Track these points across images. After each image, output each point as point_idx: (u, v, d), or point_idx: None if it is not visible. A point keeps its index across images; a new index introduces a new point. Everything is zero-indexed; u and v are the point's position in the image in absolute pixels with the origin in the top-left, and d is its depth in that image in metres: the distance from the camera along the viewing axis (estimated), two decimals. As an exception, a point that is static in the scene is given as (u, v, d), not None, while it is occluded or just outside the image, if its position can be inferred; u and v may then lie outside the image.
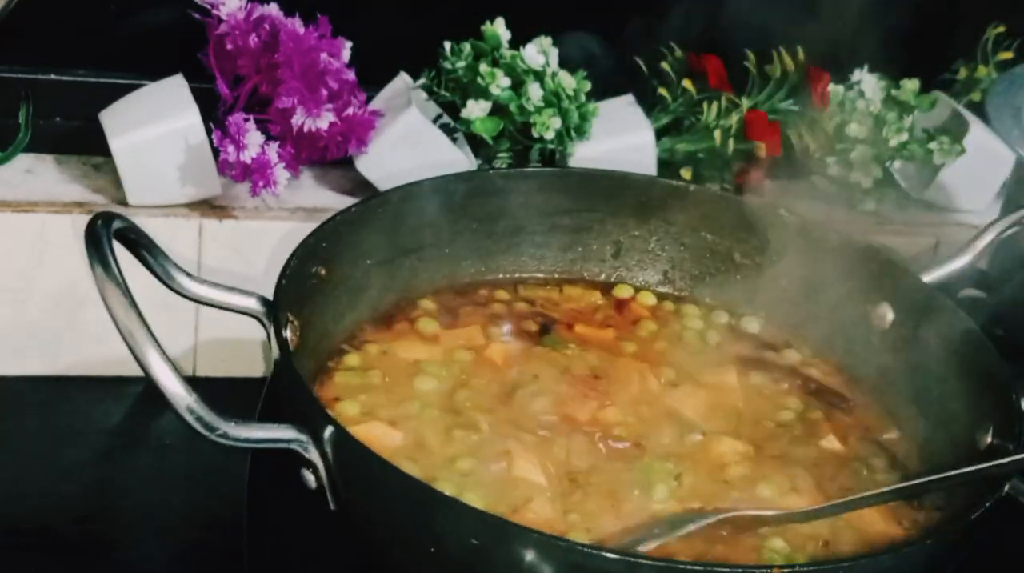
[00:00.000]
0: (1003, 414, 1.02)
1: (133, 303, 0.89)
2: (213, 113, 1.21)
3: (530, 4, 1.31)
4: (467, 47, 1.27)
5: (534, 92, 1.25)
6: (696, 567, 0.90)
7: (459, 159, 1.25)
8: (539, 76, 1.26)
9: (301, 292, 1.04)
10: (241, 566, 1.05)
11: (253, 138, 1.17)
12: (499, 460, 1.00)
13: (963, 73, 1.44)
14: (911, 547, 0.93)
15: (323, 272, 1.07)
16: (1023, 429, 0.99)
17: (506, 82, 1.25)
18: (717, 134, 1.31)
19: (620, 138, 1.30)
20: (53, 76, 1.28)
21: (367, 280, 1.12)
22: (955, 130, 1.38)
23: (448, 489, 0.94)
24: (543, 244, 1.21)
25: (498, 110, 1.26)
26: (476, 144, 1.27)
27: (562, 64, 1.28)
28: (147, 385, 0.89)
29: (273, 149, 1.18)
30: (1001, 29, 1.44)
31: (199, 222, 1.20)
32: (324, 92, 1.20)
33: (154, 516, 1.10)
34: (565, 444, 1.03)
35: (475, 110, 1.25)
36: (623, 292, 1.21)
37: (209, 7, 1.20)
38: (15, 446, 1.14)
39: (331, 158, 1.24)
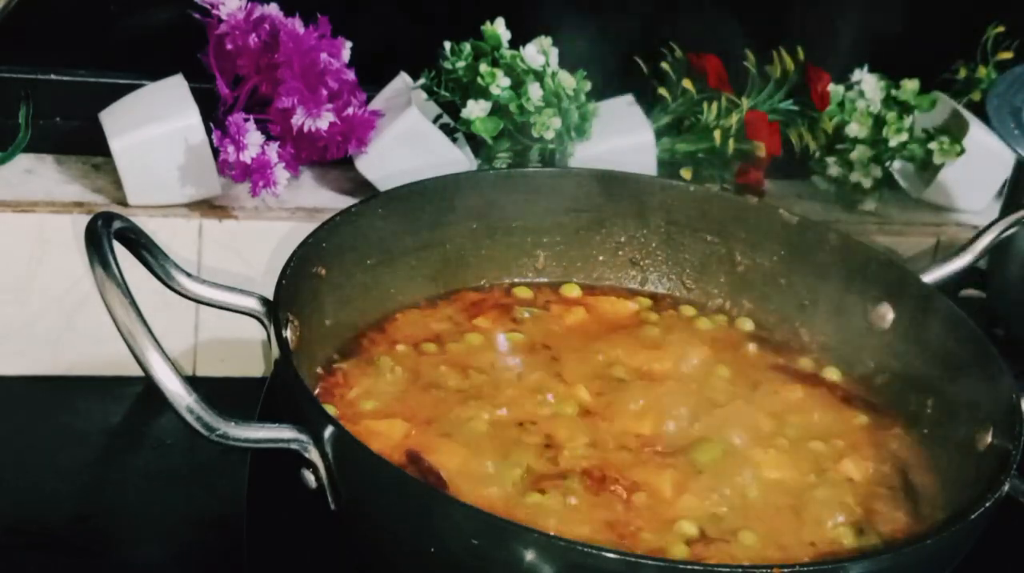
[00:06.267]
0: (1003, 414, 1.02)
1: (133, 303, 0.89)
2: (213, 113, 1.21)
3: (530, 4, 1.31)
4: (467, 47, 1.27)
5: (534, 92, 1.25)
6: (696, 567, 0.90)
7: (459, 159, 1.25)
8: (539, 76, 1.26)
9: (301, 292, 1.04)
10: (241, 566, 1.05)
11: (253, 138, 1.17)
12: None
13: (963, 73, 1.44)
14: (911, 547, 0.93)
15: (323, 272, 1.07)
16: (1023, 429, 0.99)
17: (506, 82, 1.25)
18: (717, 134, 1.31)
19: (620, 138, 1.30)
20: (53, 76, 1.28)
21: (367, 280, 1.12)
22: (955, 130, 1.38)
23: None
24: (542, 244, 1.21)
25: (498, 110, 1.26)
26: (476, 144, 1.27)
27: (562, 64, 1.28)
28: (147, 385, 0.89)
29: (273, 149, 1.18)
30: (1001, 29, 1.44)
31: (199, 222, 1.20)
32: (324, 92, 1.20)
33: (154, 516, 1.10)
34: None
35: (475, 110, 1.25)
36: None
37: (209, 7, 1.20)
38: (15, 446, 1.14)
39: (331, 158, 1.24)
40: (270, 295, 1.00)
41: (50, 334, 1.19)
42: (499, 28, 1.28)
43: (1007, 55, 1.44)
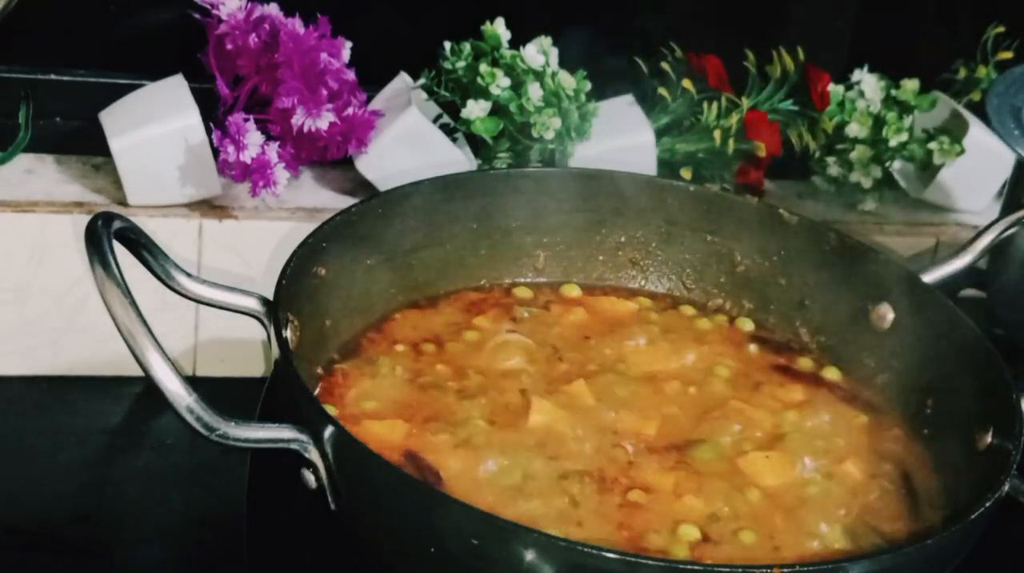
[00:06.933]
0: (1003, 414, 1.02)
1: (133, 303, 0.89)
2: (213, 113, 1.21)
3: (530, 4, 1.31)
4: (467, 47, 1.27)
5: (534, 92, 1.25)
6: (696, 567, 0.90)
7: (459, 159, 1.25)
8: (539, 76, 1.26)
9: (301, 292, 1.04)
10: (241, 566, 1.05)
11: (253, 138, 1.17)
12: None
13: (963, 73, 1.44)
14: (911, 547, 0.93)
15: (323, 272, 1.07)
16: (1023, 429, 0.99)
17: (506, 82, 1.25)
18: (717, 134, 1.31)
19: (620, 138, 1.30)
20: (53, 76, 1.28)
21: (367, 280, 1.12)
22: (955, 130, 1.38)
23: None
24: (542, 244, 1.21)
25: (498, 110, 1.26)
26: (476, 144, 1.27)
27: (562, 64, 1.28)
28: (147, 385, 0.89)
29: (273, 149, 1.18)
30: (1001, 29, 1.44)
31: (199, 222, 1.20)
32: (324, 92, 1.20)
33: (154, 516, 1.10)
34: None
35: (475, 110, 1.25)
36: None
37: (209, 7, 1.20)
38: (15, 446, 1.14)
39: (331, 158, 1.24)
40: (270, 295, 1.00)
41: (50, 334, 1.19)
42: (499, 28, 1.28)
43: (1007, 55, 1.44)
